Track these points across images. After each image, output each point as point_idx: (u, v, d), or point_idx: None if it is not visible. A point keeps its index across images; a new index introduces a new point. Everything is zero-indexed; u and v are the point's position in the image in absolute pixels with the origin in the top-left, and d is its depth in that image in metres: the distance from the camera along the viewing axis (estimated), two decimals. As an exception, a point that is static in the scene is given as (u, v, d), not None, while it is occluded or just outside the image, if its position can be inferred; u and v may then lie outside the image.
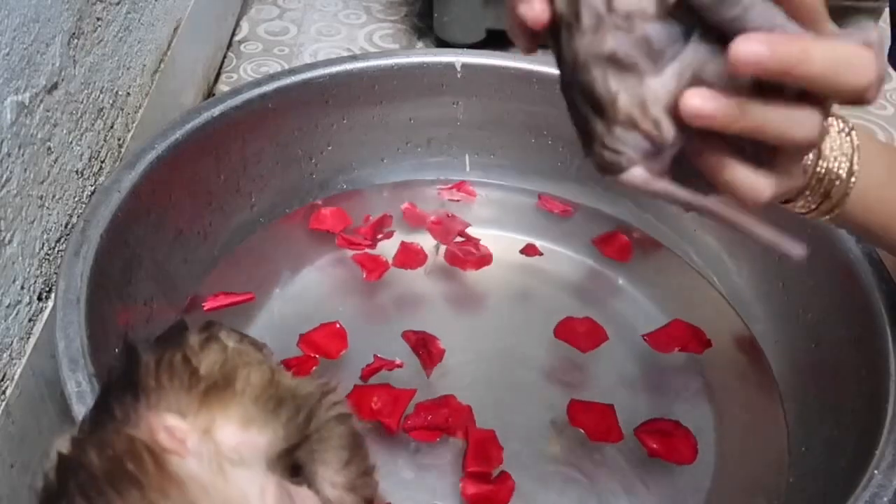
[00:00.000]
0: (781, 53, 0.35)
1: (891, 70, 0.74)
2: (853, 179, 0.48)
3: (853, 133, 0.49)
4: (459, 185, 0.94)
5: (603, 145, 0.42)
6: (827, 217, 0.50)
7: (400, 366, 0.75)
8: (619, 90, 0.39)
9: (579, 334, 0.79)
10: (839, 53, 0.38)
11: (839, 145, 0.48)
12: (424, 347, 0.76)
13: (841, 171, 0.48)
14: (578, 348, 0.78)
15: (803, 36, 0.38)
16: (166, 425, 0.36)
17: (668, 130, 0.38)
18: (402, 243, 0.87)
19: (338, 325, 0.78)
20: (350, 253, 0.86)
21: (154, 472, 0.35)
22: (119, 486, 0.35)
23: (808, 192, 0.48)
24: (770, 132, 0.37)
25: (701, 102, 0.36)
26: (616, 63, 0.38)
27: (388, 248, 0.87)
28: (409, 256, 0.86)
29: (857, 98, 0.38)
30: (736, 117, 0.36)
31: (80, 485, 0.35)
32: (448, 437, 0.70)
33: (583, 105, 0.42)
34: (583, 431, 0.71)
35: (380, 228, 0.89)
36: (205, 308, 0.78)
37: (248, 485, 0.37)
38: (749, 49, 0.34)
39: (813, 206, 0.49)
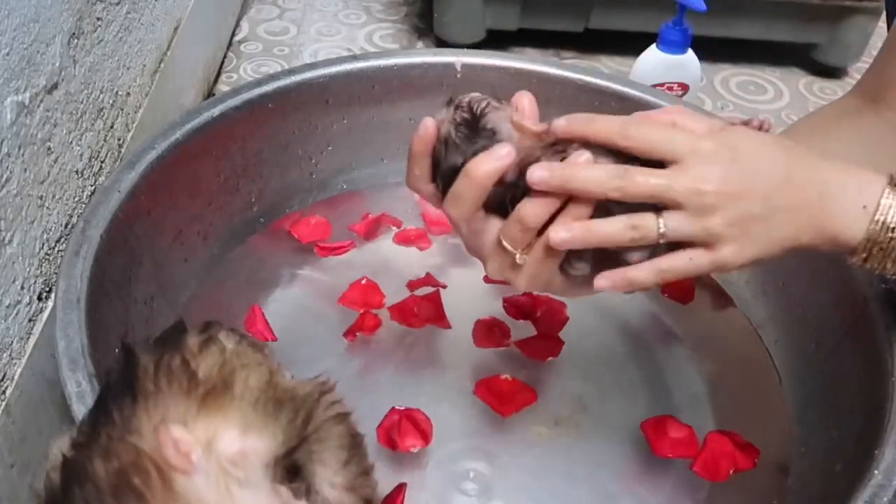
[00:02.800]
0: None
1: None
2: None
3: None
4: None
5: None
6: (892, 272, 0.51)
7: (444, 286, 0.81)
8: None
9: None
10: None
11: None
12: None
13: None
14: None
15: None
16: (173, 438, 0.36)
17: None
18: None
19: (364, 281, 0.81)
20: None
21: (160, 489, 0.35)
22: (124, 501, 0.35)
23: (869, 253, 0.51)
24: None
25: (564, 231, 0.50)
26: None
27: (385, 249, 0.87)
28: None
29: None
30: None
31: (86, 498, 0.35)
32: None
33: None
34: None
35: (376, 227, 0.89)
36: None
37: None
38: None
39: (878, 266, 0.51)
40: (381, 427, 0.69)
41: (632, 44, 1.13)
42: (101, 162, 0.81)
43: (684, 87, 1.06)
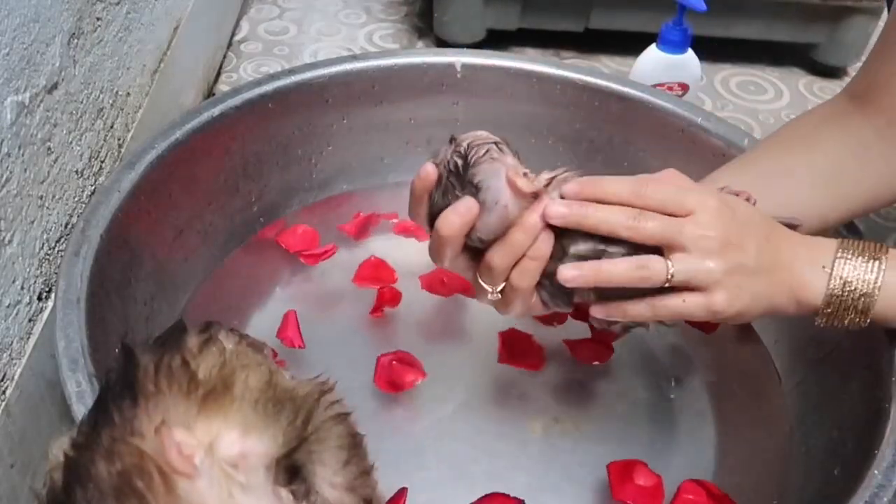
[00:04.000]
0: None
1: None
2: (876, 292, 0.54)
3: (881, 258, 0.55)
4: None
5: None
6: (855, 326, 0.56)
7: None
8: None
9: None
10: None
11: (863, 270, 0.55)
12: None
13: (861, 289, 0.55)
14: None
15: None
16: (176, 441, 0.36)
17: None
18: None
19: (373, 258, 0.84)
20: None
21: (162, 492, 0.35)
22: (126, 503, 0.35)
23: (829, 311, 0.55)
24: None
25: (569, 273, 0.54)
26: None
27: (378, 247, 0.88)
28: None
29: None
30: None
31: (88, 499, 0.35)
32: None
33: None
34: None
35: (366, 226, 0.89)
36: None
37: None
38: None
39: (840, 322, 0.56)
40: (377, 377, 0.73)
41: (632, 44, 1.13)
42: (101, 162, 0.81)
43: (684, 87, 1.06)
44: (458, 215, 0.53)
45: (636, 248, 0.54)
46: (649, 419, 0.73)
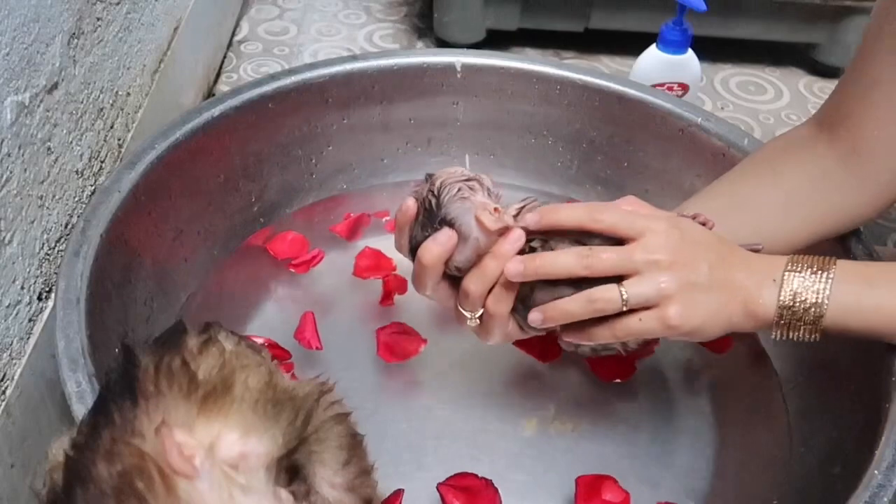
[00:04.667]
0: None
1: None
2: (825, 302, 0.57)
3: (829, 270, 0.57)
4: None
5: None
6: (810, 337, 0.59)
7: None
8: None
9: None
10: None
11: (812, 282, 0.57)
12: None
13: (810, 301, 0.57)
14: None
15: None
16: (177, 442, 0.36)
17: None
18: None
19: (367, 249, 0.84)
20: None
21: (163, 493, 0.35)
22: None
23: (782, 323, 0.58)
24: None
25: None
26: None
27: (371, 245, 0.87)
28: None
29: None
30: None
31: (88, 499, 0.35)
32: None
33: None
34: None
35: (358, 227, 0.89)
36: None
37: None
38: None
39: (795, 334, 0.59)
40: (380, 349, 0.75)
41: (632, 44, 1.13)
42: (101, 162, 0.81)
43: (684, 87, 1.06)
44: (437, 245, 0.58)
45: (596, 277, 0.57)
46: (649, 419, 0.73)
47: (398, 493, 0.65)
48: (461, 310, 0.61)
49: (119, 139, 0.85)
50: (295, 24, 1.41)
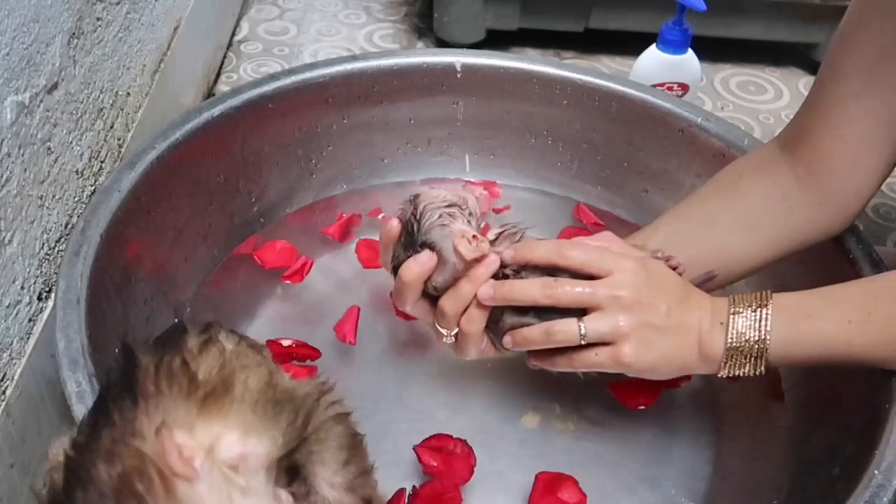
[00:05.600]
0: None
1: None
2: (768, 337, 0.59)
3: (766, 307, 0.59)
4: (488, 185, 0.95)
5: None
6: (754, 372, 0.60)
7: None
8: None
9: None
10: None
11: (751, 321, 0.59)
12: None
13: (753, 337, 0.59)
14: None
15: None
16: (177, 444, 0.36)
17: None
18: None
19: (362, 241, 0.85)
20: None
21: (163, 495, 0.35)
22: None
23: (729, 363, 0.60)
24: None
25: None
26: None
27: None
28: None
29: None
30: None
31: (88, 500, 0.35)
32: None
33: None
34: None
35: (349, 228, 0.89)
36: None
37: None
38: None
39: (741, 371, 0.60)
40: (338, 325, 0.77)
41: (632, 44, 1.13)
42: (101, 162, 0.81)
43: (684, 87, 1.06)
44: (418, 264, 0.61)
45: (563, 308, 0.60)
46: (648, 418, 0.73)
47: (400, 493, 0.65)
48: (438, 327, 0.64)
49: (119, 139, 0.85)
50: (295, 24, 1.41)
